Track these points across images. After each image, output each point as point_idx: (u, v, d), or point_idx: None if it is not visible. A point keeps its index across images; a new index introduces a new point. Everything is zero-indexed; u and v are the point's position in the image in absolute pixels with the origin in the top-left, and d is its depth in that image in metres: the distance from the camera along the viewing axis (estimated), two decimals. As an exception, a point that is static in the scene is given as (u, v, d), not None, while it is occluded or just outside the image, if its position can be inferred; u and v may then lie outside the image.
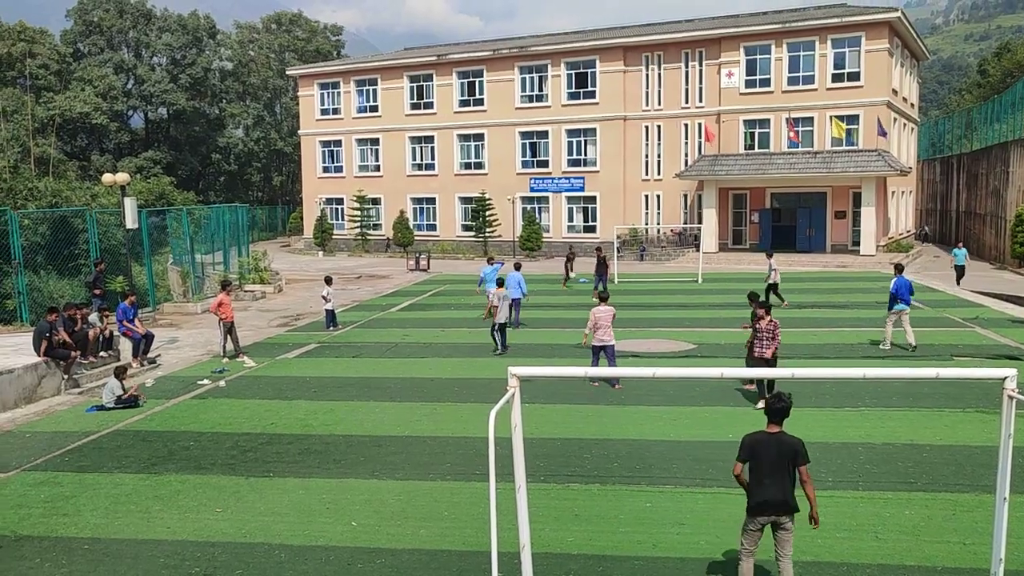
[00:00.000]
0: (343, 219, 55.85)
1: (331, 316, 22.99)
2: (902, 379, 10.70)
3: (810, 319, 23.06)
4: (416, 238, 51.56)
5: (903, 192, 51.15)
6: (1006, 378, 5.92)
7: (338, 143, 56.38)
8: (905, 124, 49.80)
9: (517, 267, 23.74)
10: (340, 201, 56.41)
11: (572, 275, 33.47)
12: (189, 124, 73.70)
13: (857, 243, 42.54)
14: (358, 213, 53.41)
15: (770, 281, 25.56)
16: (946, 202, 56.68)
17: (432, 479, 10.62)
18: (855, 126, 42.83)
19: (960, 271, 30.59)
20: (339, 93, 56.02)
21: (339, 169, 56.64)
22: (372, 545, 8.69)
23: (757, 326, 13.91)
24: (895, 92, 45.02)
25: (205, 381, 16.56)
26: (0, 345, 17.37)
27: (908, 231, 53.24)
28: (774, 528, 7.01)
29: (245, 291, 30.53)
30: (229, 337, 18.89)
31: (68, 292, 23.00)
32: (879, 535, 8.54)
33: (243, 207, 36.65)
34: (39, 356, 15.66)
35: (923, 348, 18.67)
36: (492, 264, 24.88)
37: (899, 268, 19.68)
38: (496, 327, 19.00)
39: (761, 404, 12.99)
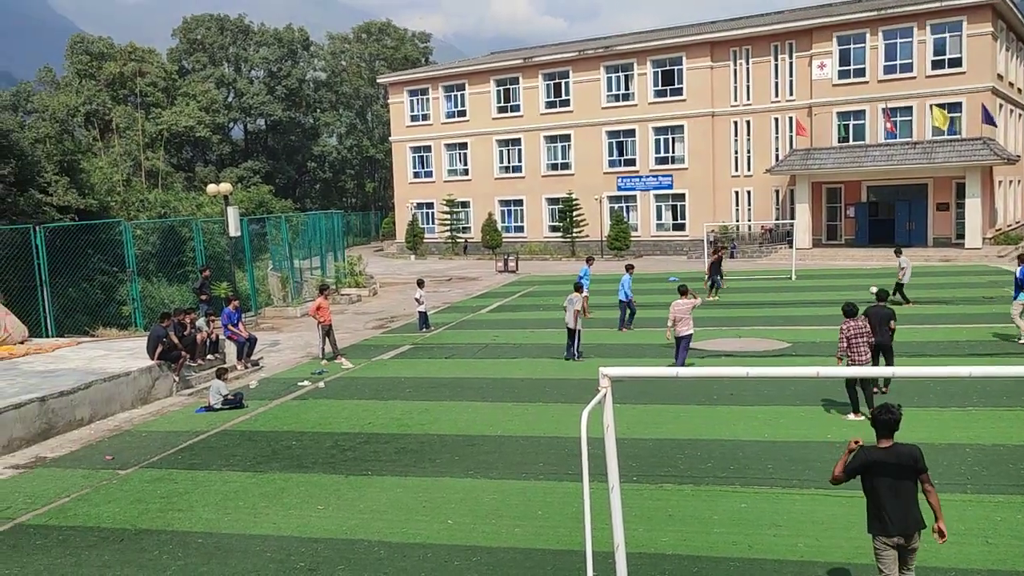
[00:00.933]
0: (433, 223, 56.71)
1: (424, 318, 23.43)
2: (1011, 377, 10.27)
3: (915, 315, 22.27)
4: (504, 240, 51.94)
5: (1011, 181, 48.77)
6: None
7: (427, 148, 57.28)
8: (1012, 110, 47.48)
9: (629, 268, 23.71)
10: (430, 205, 57.30)
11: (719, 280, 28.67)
12: (285, 134, 76.15)
13: (961, 236, 40.79)
14: (448, 217, 54.16)
15: (901, 280, 24.41)
16: (1059, 191, 53.71)
17: (525, 478, 10.76)
18: (958, 114, 41.08)
19: None
20: (428, 99, 56.91)
21: (429, 174, 57.55)
22: (468, 543, 8.87)
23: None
24: (1000, 77, 42.98)
25: (305, 382, 17.14)
26: (117, 349, 18.37)
27: (1017, 222, 50.73)
28: (902, 548, 6.56)
29: (341, 295, 31.37)
30: (327, 340, 19.48)
31: (177, 298, 24.13)
32: (989, 539, 8.26)
33: (338, 213, 37.66)
34: (152, 359, 16.50)
35: (1035, 345, 17.85)
36: (590, 264, 25.64)
37: (1022, 258, 18.81)
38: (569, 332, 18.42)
39: (851, 416, 12.61)
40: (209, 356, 18.60)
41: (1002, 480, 9.87)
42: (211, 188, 23.59)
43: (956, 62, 41.09)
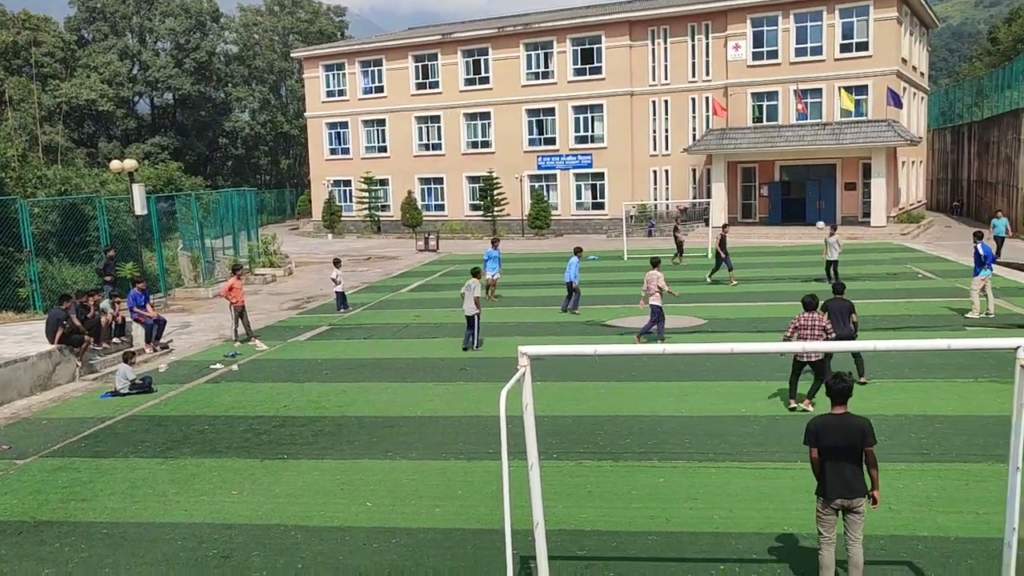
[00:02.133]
0: (351, 201, 55.84)
1: (341, 298, 23.05)
2: (914, 350, 10.67)
3: (825, 291, 22.93)
4: (424, 218, 51.51)
5: (913, 162, 50.74)
6: (1019, 347, 5.90)
7: (344, 125, 56.26)
8: (915, 93, 49.31)
9: (577, 251, 22.15)
10: (348, 183, 56.37)
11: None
12: (195, 109, 73.62)
13: (867, 215, 42.27)
14: (366, 195, 53.39)
15: (827, 257, 24.06)
16: (957, 171, 56.12)
17: (445, 458, 10.68)
18: (864, 96, 42.43)
19: (1000, 243, 29.23)
20: (344, 75, 55.81)
21: (346, 151, 56.55)
22: (387, 525, 8.76)
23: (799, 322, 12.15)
24: (904, 61, 44.54)
25: (218, 365, 16.66)
26: (14, 333, 17.49)
27: (919, 201, 52.84)
28: (845, 511, 6.79)
29: (255, 275, 30.62)
30: (240, 321, 18.97)
31: (80, 279, 23.12)
32: (892, 506, 8.55)
33: (251, 191, 36.67)
34: (53, 343, 15.76)
35: (936, 319, 18.63)
36: (495, 246, 24.67)
37: (979, 235, 19.60)
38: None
39: (792, 403, 12.20)
40: (115, 339, 17.87)
41: (904, 449, 10.25)
42: (115, 164, 22.65)
43: (863, 46, 42.36)
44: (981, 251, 18.47)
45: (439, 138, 53.38)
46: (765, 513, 8.60)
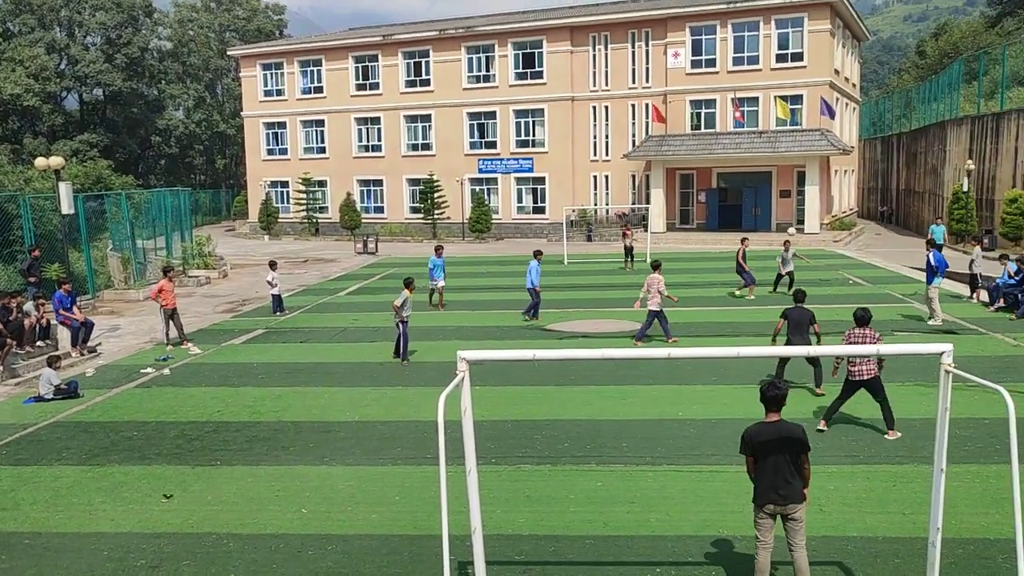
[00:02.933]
0: (289, 202, 55.02)
1: (277, 301, 22.67)
2: (845, 355, 10.92)
3: (755, 297, 23.39)
4: (363, 221, 51.01)
5: (845, 171, 52.11)
6: (943, 353, 6.06)
7: (282, 125, 55.44)
8: (847, 104, 50.67)
9: (537, 254, 21.50)
10: (286, 184, 55.53)
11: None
12: (127, 106, 71.67)
13: (802, 221, 43.25)
14: (304, 196, 52.66)
15: (782, 271, 23.85)
16: (887, 180, 57.92)
17: (383, 464, 10.56)
18: (799, 106, 43.43)
19: (939, 250, 29.17)
20: (283, 74, 54.99)
21: (284, 151, 55.73)
22: (322, 531, 8.61)
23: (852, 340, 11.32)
24: (837, 72, 45.72)
25: (148, 370, 16.21)
26: (-69, 336, 16.76)
27: (851, 208, 54.31)
28: (783, 519, 6.80)
29: (189, 277, 29.93)
30: (172, 324, 18.50)
31: (2, 280, 22.29)
32: (823, 508, 8.72)
33: (185, 191, 35.84)
34: (-27, 347, 15.15)
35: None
36: (439, 254, 23.34)
37: (932, 243, 20.25)
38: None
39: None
40: (39, 343, 17.27)
41: (835, 452, 10.48)
42: (40, 162, 21.90)
43: (798, 56, 43.36)
44: (932, 260, 19.00)
45: (379, 140, 52.97)
46: (701, 516, 8.70)
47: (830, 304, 21.93)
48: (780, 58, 43.64)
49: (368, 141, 53.44)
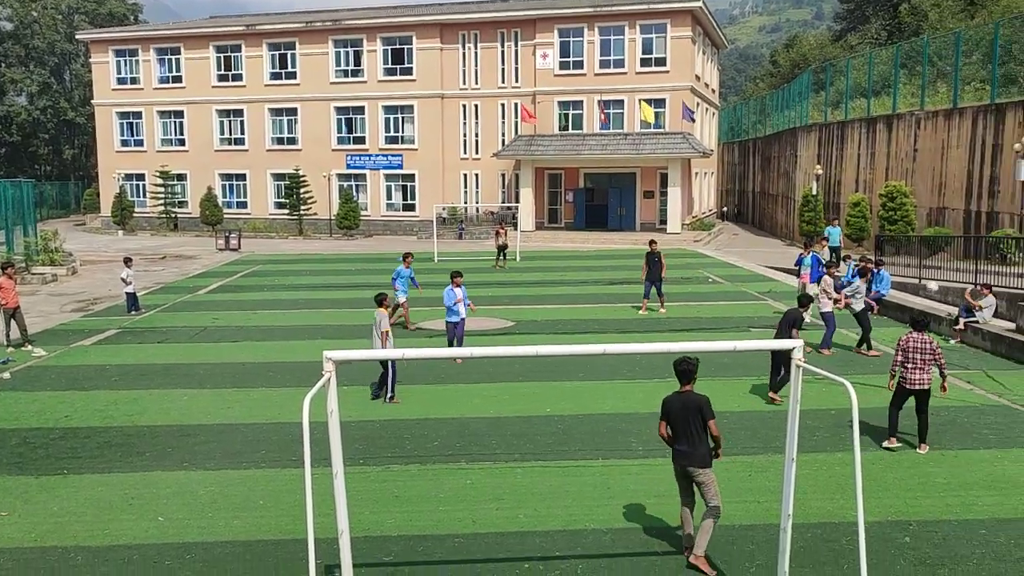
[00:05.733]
0: (145, 196, 52.44)
1: (132, 299, 21.56)
2: (704, 352, 11.36)
3: (620, 295, 24.02)
4: (226, 216, 49.20)
5: (706, 173, 54.31)
6: (794, 348, 6.39)
7: (138, 115, 52.76)
8: (707, 109, 52.80)
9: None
10: (142, 177, 52.88)
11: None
12: (-38, 89, 66.48)
13: (664, 222, 44.76)
14: (161, 190, 50.31)
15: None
16: (744, 183, 60.78)
17: (246, 467, 10.22)
18: (662, 110, 44.91)
19: (835, 252, 27.52)
20: (138, 61, 52.33)
21: (140, 143, 53.06)
22: (181, 540, 8.24)
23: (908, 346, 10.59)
24: (698, 78, 47.57)
25: (-14, 373, 15.07)
26: None
27: (711, 210, 56.65)
28: (694, 481, 7.54)
29: (33, 274, 28.04)
30: (13, 324, 17.27)
31: None
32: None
33: (28, 182, 33.47)
34: None
35: (723, 320, 19.96)
36: (407, 262, 19.68)
37: (807, 245, 21.47)
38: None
39: (890, 442, 10.82)
40: None
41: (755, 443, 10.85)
42: None
43: (661, 61, 44.84)
44: (807, 262, 19.98)
45: (242, 133, 51.24)
46: (569, 510, 8.84)
47: (691, 302, 22.80)
48: (644, 62, 44.99)
49: (231, 134, 51.61)
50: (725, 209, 61.82)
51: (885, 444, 10.71)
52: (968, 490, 9.30)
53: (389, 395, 13.02)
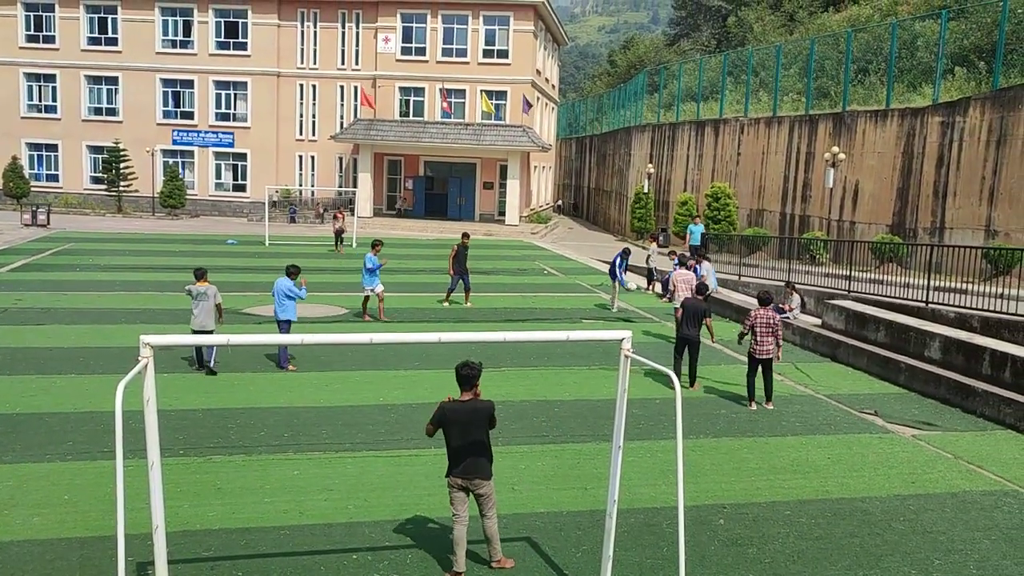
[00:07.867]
0: (-62, 163, 47.59)
1: (-80, 276, 19.47)
2: (538, 342, 11.54)
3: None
4: (33, 189, 45.39)
5: (544, 167, 55.39)
6: (623, 339, 6.56)
7: (-69, 73, 47.75)
8: (547, 104, 53.80)
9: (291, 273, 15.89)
10: (-66, 142, 47.96)
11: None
12: None
13: (503, 213, 45.29)
14: (-42, 157, 45.78)
15: (649, 265, 24.66)
16: (580, 178, 62.51)
17: (49, 460, 9.43)
18: (503, 102, 45.35)
19: (695, 251, 24.43)
20: (-67, 13, 47.34)
21: (-68, 104, 48.08)
22: (-31, 542, 7.49)
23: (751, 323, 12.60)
24: (539, 72, 48.36)
25: None
26: None
27: (547, 203, 57.85)
28: (473, 494, 7.07)
29: None
30: None
31: None
32: (515, 487, 9.13)
33: None
34: None
35: (556, 311, 20.40)
36: (376, 251, 18.45)
37: (627, 251, 21.93)
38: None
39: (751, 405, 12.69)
40: None
41: (527, 432, 11.04)
42: None
43: (503, 54, 45.24)
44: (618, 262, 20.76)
45: (54, 100, 47.43)
46: (399, 500, 8.73)
47: (526, 292, 23.18)
48: (487, 53, 45.26)
49: (40, 100, 47.67)
50: (561, 203, 63.54)
51: (750, 408, 12.56)
52: (776, 474, 9.93)
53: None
